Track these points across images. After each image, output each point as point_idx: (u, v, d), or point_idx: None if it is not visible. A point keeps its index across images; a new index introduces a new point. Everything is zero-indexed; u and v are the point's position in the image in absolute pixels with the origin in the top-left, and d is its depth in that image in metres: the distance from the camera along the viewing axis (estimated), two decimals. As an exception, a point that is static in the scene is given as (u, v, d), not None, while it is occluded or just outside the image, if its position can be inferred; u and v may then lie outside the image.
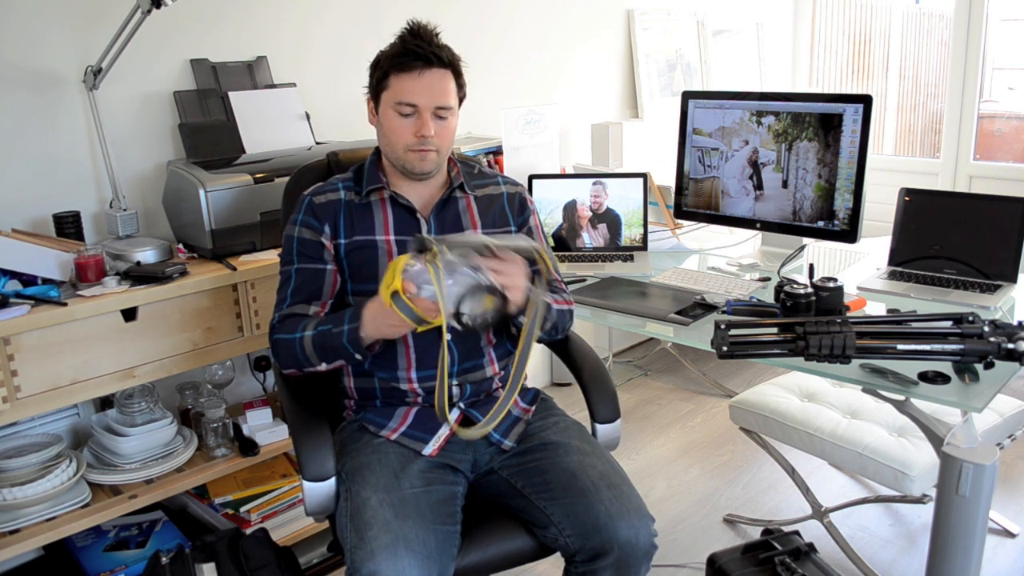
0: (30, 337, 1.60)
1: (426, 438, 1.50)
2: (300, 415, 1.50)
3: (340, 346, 1.40)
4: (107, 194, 2.00)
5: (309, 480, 1.41)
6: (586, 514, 1.36)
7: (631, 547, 1.35)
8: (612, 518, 1.35)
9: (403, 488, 1.38)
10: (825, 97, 2.06)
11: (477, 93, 2.90)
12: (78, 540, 1.96)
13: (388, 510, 1.32)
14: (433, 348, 1.52)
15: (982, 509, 1.37)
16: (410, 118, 1.48)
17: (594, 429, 1.60)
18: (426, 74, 1.47)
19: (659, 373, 3.47)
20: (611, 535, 1.34)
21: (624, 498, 1.38)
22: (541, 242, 1.66)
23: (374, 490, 1.37)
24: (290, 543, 2.02)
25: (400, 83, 1.47)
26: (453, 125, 1.54)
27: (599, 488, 1.39)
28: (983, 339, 1.33)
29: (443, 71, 1.49)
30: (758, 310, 1.62)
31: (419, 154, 1.50)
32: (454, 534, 1.38)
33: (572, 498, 1.39)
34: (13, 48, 1.86)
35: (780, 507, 2.45)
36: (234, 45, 2.22)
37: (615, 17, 3.38)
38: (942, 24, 4.64)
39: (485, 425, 1.41)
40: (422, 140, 1.48)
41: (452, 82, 1.51)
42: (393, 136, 1.50)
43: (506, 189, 1.65)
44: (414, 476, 1.42)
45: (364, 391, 1.58)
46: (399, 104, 1.48)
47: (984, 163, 3.81)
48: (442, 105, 1.48)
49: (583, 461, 1.45)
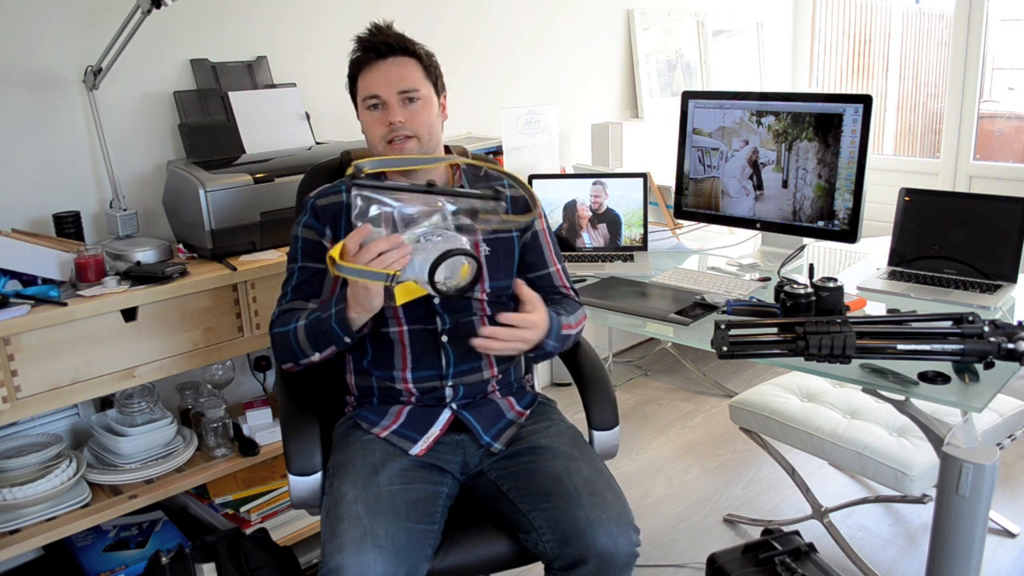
0: (30, 337, 1.59)
1: (415, 437, 1.50)
2: (291, 410, 1.52)
3: (330, 330, 1.40)
4: (107, 194, 2.00)
5: (294, 474, 1.42)
6: (565, 520, 1.34)
7: (609, 556, 1.31)
8: (591, 525, 1.31)
9: (380, 485, 1.38)
10: (825, 97, 2.06)
11: (477, 93, 2.92)
12: (78, 540, 1.96)
13: (361, 505, 1.32)
14: (429, 349, 1.52)
15: (982, 509, 1.37)
16: (378, 110, 1.50)
17: (591, 436, 1.58)
18: (382, 64, 1.49)
19: (659, 373, 3.47)
20: (589, 543, 1.30)
21: (605, 505, 1.35)
22: (549, 248, 1.64)
23: (352, 485, 1.37)
24: (290, 543, 2.02)
25: (363, 80, 1.51)
26: (429, 111, 1.52)
27: (581, 494, 1.36)
28: (983, 339, 1.33)
29: (401, 58, 1.50)
30: (758, 310, 1.62)
31: (396, 146, 1.50)
32: (430, 534, 1.37)
33: (553, 503, 1.37)
34: (13, 48, 1.86)
35: (780, 507, 2.45)
36: (234, 45, 2.22)
37: (615, 17, 3.38)
38: (942, 24, 4.64)
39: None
40: (392, 128, 1.48)
41: (415, 67, 1.51)
42: (369, 133, 1.52)
43: (511, 192, 1.62)
44: (394, 474, 1.42)
45: (363, 388, 1.58)
46: (365, 100, 1.50)
47: (984, 163, 3.81)
48: (404, 89, 1.48)
49: (569, 466, 1.42)
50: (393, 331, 1.52)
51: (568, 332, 1.54)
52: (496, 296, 1.56)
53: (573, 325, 1.57)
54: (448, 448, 1.52)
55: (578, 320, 1.60)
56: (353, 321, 1.38)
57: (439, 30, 2.75)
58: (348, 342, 1.42)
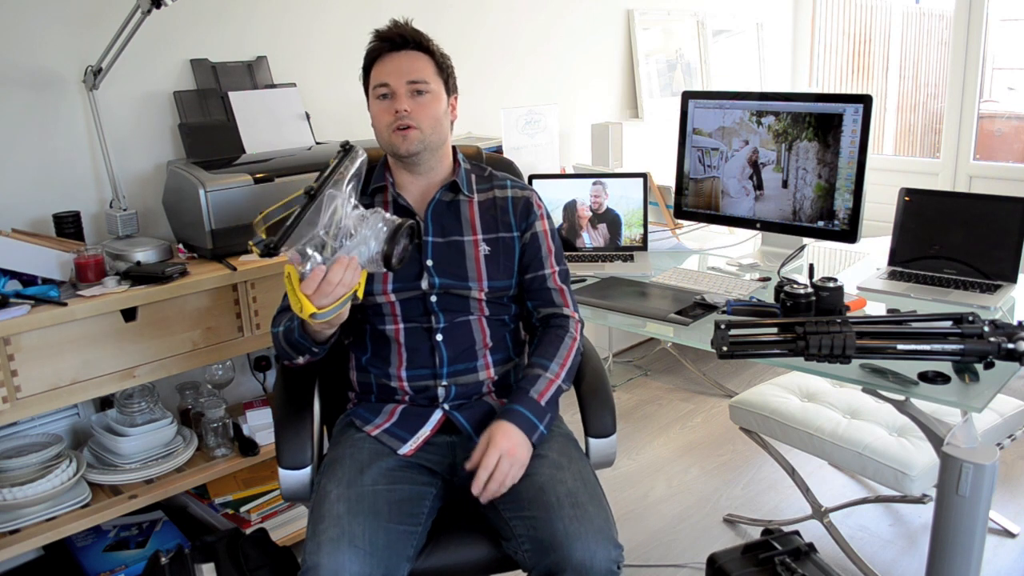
0: (30, 337, 1.60)
1: (405, 437, 1.49)
2: (285, 405, 1.53)
3: (299, 340, 1.41)
4: (107, 194, 2.00)
5: (284, 468, 1.44)
6: (544, 531, 1.32)
7: (584, 570, 1.27)
8: (569, 538, 1.28)
9: (364, 484, 1.38)
10: (825, 97, 2.06)
11: (477, 93, 2.92)
12: (78, 540, 1.96)
13: (343, 504, 1.33)
14: (423, 348, 1.52)
15: (982, 509, 1.37)
16: (388, 100, 1.51)
17: (587, 443, 1.53)
18: (395, 55, 1.51)
19: (659, 373, 3.47)
20: (565, 555, 1.27)
21: (586, 518, 1.31)
22: (549, 250, 1.59)
23: (336, 484, 1.38)
24: (290, 543, 2.02)
25: (376, 70, 1.53)
26: (436, 105, 1.53)
27: (563, 505, 1.33)
28: (983, 339, 1.33)
29: (413, 52, 1.52)
30: (758, 310, 1.62)
31: (400, 133, 1.50)
32: (412, 534, 1.36)
33: (535, 512, 1.35)
34: (13, 48, 1.86)
35: (780, 507, 2.45)
36: (234, 45, 2.22)
37: (615, 17, 3.38)
38: (942, 24, 4.64)
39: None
40: (398, 117, 1.49)
41: (426, 61, 1.53)
42: (377, 121, 1.53)
43: (512, 193, 1.61)
44: (379, 473, 1.41)
45: (364, 385, 1.59)
46: (376, 88, 1.52)
47: (984, 163, 3.81)
48: (414, 79, 1.50)
49: (554, 476, 1.40)
50: (390, 328, 1.53)
51: (552, 390, 1.48)
52: (495, 296, 1.55)
53: (557, 369, 1.50)
54: (438, 449, 1.51)
55: (564, 355, 1.52)
56: (316, 334, 1.39)
57: (439, 30, 2.72)
58: (316, 352, 1.44)
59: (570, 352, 1.53)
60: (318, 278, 1.25)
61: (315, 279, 1.25)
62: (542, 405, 1.46)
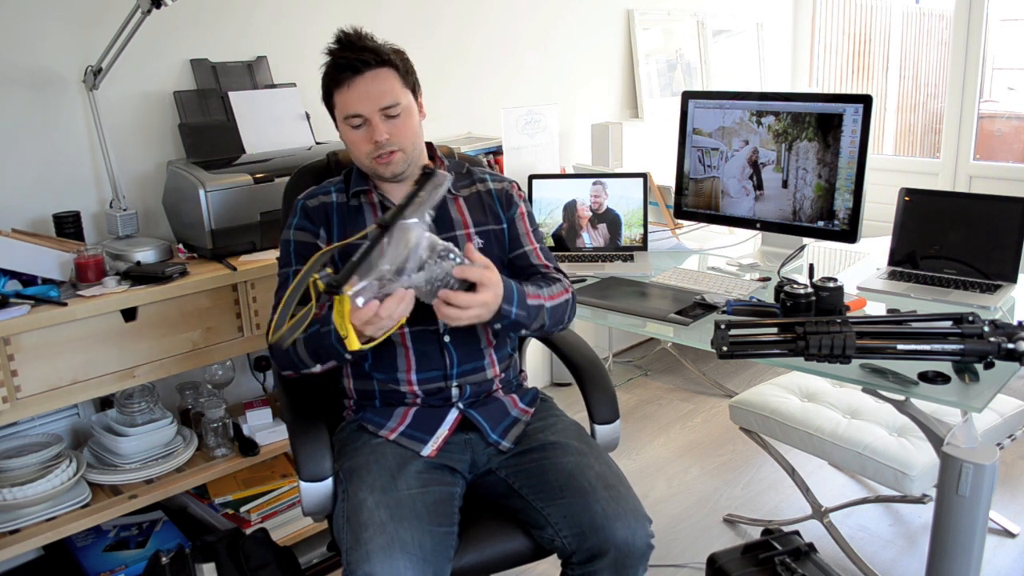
0: (30, 337, 1.60)
1: (425, 438, 1.50)
2: (298, 416, 1.51)
3: (330, 345, 1.39)
4: (107, 194, 2.00)
5: (305, 480, 1.41)
6: (583, 515, 1.36)
7: (628, 548, 1.34)
8: (609, 519, 1.34)
9: (400, 489, 1.38)
10: (825, 97, 2.06)
11: (477, 93, 2.92)
12: (78, 540, 1.96)
13: (384, 511, 1.32)
14: (432, 350, 1.53)
15: (982, 509, 1.37)
16: (362, 128, 1.48)
17: (593, 430, 1.60)
18: (359, 81, 1.46)
19: (659, 373, 3.47)
20: (608, 536, 1.33)
21: (621, 499, 1.38)
22: (526, 228, 1.61)
23: (371, 491, 1.37)
24: (290, 543, 2.02)
25: (341, 98, 1.48)
26: (411, 121, 1.51)
27: (596, 489, 1.38)
28: (983, 339, 1.33)
29: (376, 71, 1.46)
30: (758, 310, 1.62)
31: (382, 160, 1.49)
32: (451, 535, 1.38)
33: (569, 499, 1.39)
34: (13, 48, 1.86)
35: (780, 507, 2.45)
36: (234, 45, 2.22)
37: (615, 17, 3.38)
38: (942, 24, 4.64)
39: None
40: (378, 146, 1.47)
41: (393, 78, 1.48)
42: (354, 149, 1.51)
43: (493, 185, 1.63)
44: (411, 477, 1.42)
45: (363, 392, 1.58)
46: (346, 119, 1.48)
47: (984, 163, 3.81)
48: (385, 105, 1.46)
49: (580, 462, 1.44)
50: (395, 334, 1.52)
51: (537, 302, 1.47)
52: None
53: (545, 296, 1.50)
54: (457, 447, 1.52)
55: (554, 293, 1.52)
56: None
57: (439, 30, 2.75)
58: (348, 358, 1.41)
59: (558, 295, 1.54)
60: (370, 312, 1.24)
61: (368, 313, 1.24)
62: (527, 302, 1.45)
